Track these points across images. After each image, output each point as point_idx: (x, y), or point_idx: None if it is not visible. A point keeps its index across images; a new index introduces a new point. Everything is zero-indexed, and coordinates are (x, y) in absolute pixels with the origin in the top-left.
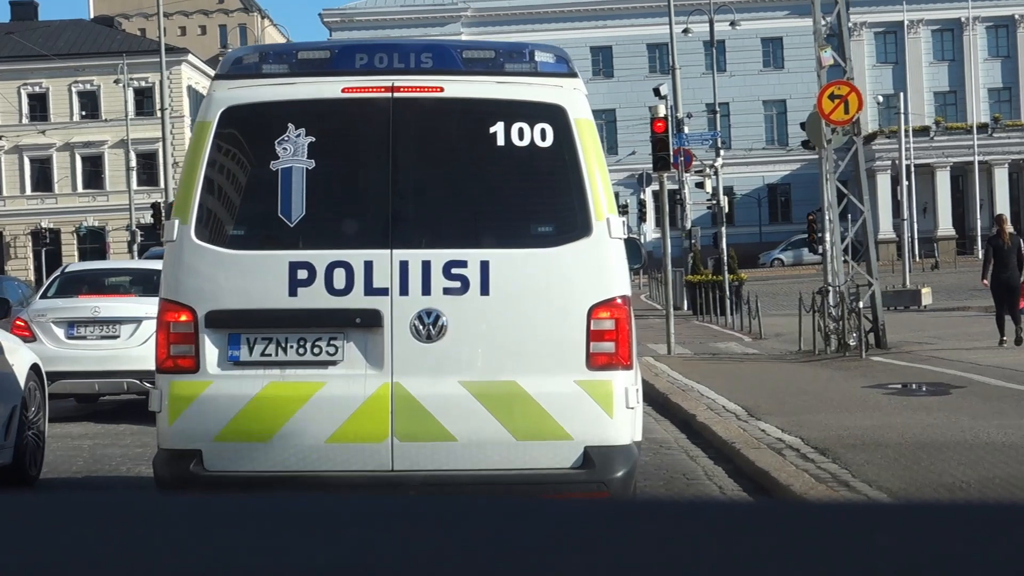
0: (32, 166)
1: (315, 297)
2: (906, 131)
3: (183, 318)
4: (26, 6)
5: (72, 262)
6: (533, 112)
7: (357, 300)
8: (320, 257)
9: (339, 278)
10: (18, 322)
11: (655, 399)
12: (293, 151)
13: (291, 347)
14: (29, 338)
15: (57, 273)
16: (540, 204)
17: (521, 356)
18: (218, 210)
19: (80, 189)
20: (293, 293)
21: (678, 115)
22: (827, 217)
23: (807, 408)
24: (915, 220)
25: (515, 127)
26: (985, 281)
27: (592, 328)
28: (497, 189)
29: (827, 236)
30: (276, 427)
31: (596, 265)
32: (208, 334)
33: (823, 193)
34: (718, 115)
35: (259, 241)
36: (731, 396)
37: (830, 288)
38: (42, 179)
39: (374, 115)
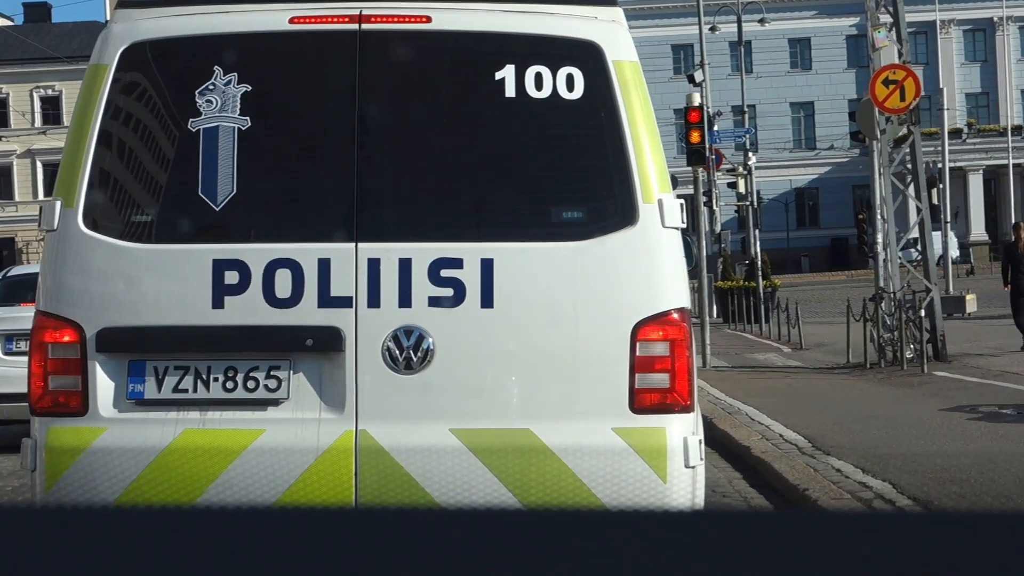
0: (45, 170)
1: (250, 310)
2: (939, 133)
3: (66, 339)
4: (39, 8)
5: (17, 265)
6: (557, 52)
7: (309, 314)
8: (256, 253)
9: (283, 283)
10: None
11: None
12: (220, 104)
13: (216, 380)
14: None
15: None
16: (566, 180)
17: (538, 394)
18: (116, 188)
19: None
20: (218, 304)
21: (709, 111)
22: (879, 216)
23: (883, 439)
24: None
25: (531, 72)
26: (1007, 287)
27: (638, 354)
28: (505, 158)
29: (879, 237)
30: (194, 494)
31: (645, 265)
32: (100, 361)
33: (875, 189)
34: (746, 116)
35: (172, 231)
36: (787, 421)
37: (884, 294)
38: (55, 184)
39: (334, 55)
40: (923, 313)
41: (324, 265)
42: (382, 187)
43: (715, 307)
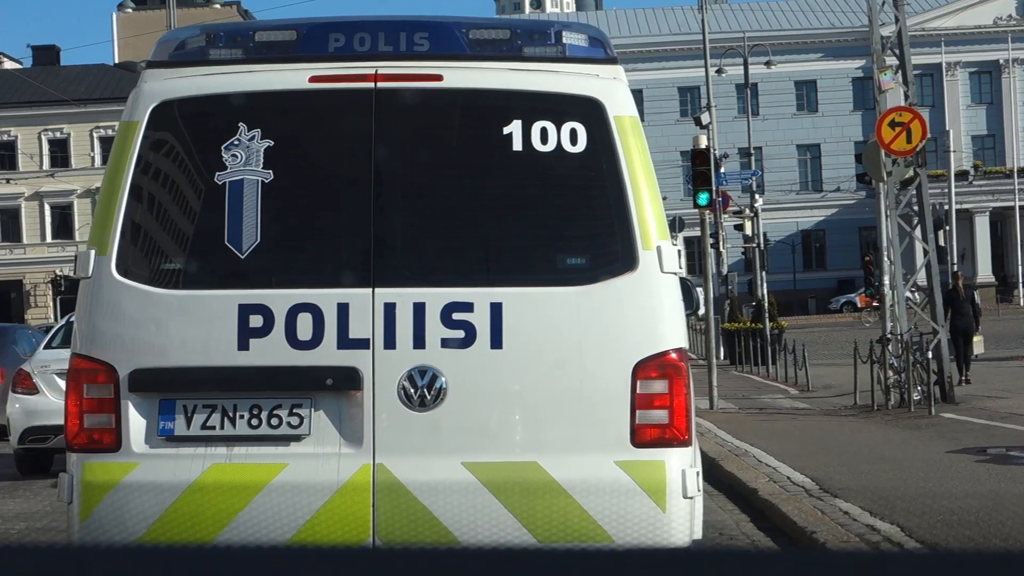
0: (53, 213)
1: (273, 351)
2: (945, 175)
3: (100, 379)
4: (48, 51)
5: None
6: (561, 108)
7: (328, 355)
8: (279, 298)
9: (304, 326)
10: (22, 374)
11: (704, 466)
12: (245, 159)
13: (241, 417)
14: (31, 390)
15: (63, 322)
16: (570, 228)
17: (544, 429)
18: (147, 237)
19: None
20: (244, 346)
21: (715, 153)
22: (887, 258)
23: (890, 481)
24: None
25: (537, 127)
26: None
27: (639, 391)
28: (513, 208)
29: (886, 279)
30: (221, 525)
31: (644, 308)
32: (133, 400)
33: (882, 231)
34: (752, 158)
35: (200, 278)
36: (794, 463)
37: (891, 337)
38: (63, 226)
39: (352, 112)
40: (930, 355)
41: (343, 309)
42: (397, 235)
43: (722, 349)
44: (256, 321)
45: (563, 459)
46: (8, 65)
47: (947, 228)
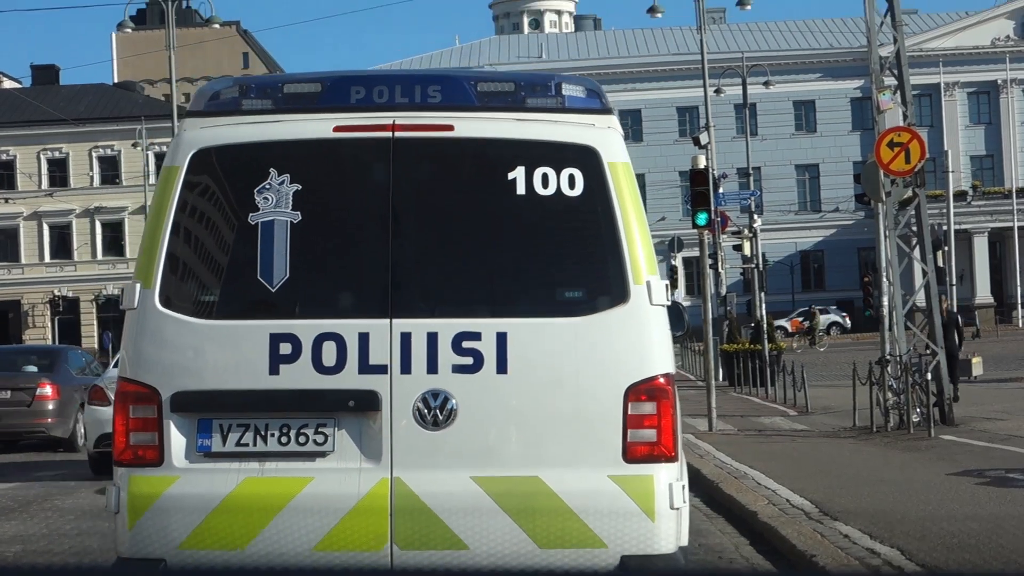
0: (51, 232)
1: (301, 376)
2: (944, 195)
3: (145, 400)
4: (47, 70)
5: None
6: (560, 155)
7: (350, 379)
8: (306, 328)
9: (329, 353)
10: (96, 388)
11: (704, 488)
12: (276, 201)
13: (272, 435)
14: (104, 402)
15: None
16: (568, 264)
17: (545, 446)
18: (187, 272)
19: (100, 256)
20: (274, 371)
21: (714, 173)
22: (885, 279)
23: (891, 504)
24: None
25: (538, 172)
26: None
27: (630, 412)
28: (517, 246)
29: (885, 300)
30: (253, 532)
31: (635, 337)
32: (174, 419)
33: (880, 252)
34: (751, 179)
35: (235, 309)
36: (794, 486)
37: (891, 358)
38: (61, 246)
39: (371, 158)
40: (929, 376)
41: (364, 338)
42: (412, 271)
43: (720, 370)
44: (285, 348)
45: (562, 473)
46: (7, 84)
47: (945, 249)
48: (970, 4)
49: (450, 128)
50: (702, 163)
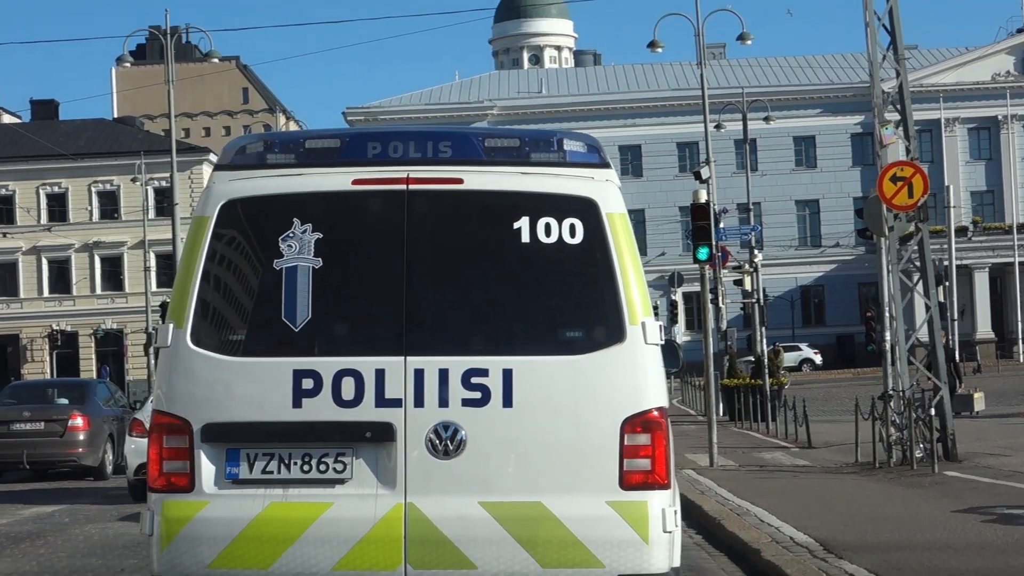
0: (50, 267)
1: (321, 409)
2: (945, 230)
3: (177, 431)
4: (46, 105)
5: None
6: (562, 206)
7: (368, 412)
8: (327, 365)
9: (348, 388)
10: (136, 421)
11: (705, 525)
12: (299, 248)
13: (295, 464)
14: (143, 434)
15: None
16: (569, 307)
17: (547, 474)
18: (216, 313)
19: (99, 291)
20: (297, 404)
21: (714, 208)
22: (888, 314)
23: (895, 542)
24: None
25: (542, 222)
26: None
27: (626, 443)
28: (522, 290)
29: (888, 335)
30: (277, 553)
31: (630, 374)
32: (204, 449)
33: (883, 287)
34: (751, 214)
35: (261, 347)
36: (797, 523)
37: (893, 393)
38: (60, 280)
39: (387, 209)
40: (932, 412)
41: (380, 374)
42: (425, 312)
43: (721, 405)
44: (307, 384)
45: (563, 499)
46: (7, 119)
47: (946, 284)
48: (970, 40)
49: (460, 181)
50: (703, 197)
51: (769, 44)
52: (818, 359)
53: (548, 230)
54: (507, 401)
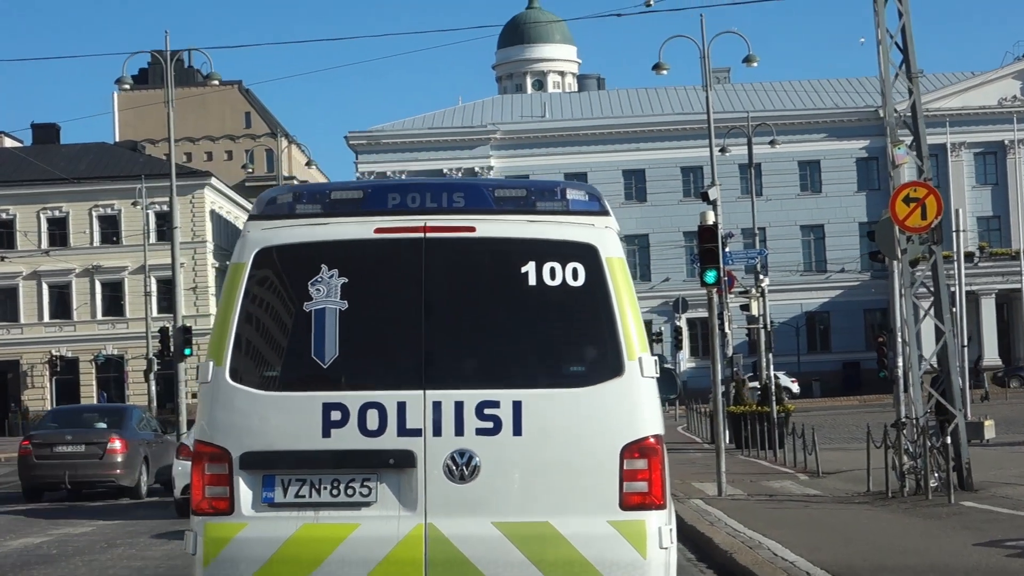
0: (50, 292)
1: (348, 438)
2: (950, 256)
3: (218, 459)
4: (47, 129)
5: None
6: (565, 251)
7: (390, 441)
8: (353, 398)
9: (372, 419)
10: (183, 446)
11: (715, 559)
12: (326, 292)
13: (325, 488)
14: (189, 457)
15: None
16: (572, 344)
17: (554, 496)
18: (252, 352)
19: (99, 316)
20: (327, 434)
21: (721, 233)
22: (901, 339)
23: None
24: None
25: (547, 266)
26: None
27: (625, 468)
28: (529, 329)
29: (900, 361)
30: (310, 570)
31: (628, 405)
32: (243, 475)
33: (895, 311)
34: (756, 239)
35: (293, 383)
36: (812, 557)
37: (907, 421)
38: (60, 306)
39: (407, 255)
40: (948, 440)
41: (401, 406)
42: (442, 349)
43: (727, 432)
44: (336, 415)
45: (568, 519)
46: (8, 143)
47: (954, 310)
48: (976, 64)
49: (472, 229)
50: (711, 219)
51: (773, 68)
52: (795, 387)
53: (553, 273)
54: (517, 430)
